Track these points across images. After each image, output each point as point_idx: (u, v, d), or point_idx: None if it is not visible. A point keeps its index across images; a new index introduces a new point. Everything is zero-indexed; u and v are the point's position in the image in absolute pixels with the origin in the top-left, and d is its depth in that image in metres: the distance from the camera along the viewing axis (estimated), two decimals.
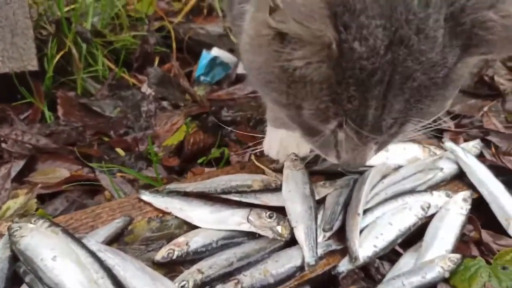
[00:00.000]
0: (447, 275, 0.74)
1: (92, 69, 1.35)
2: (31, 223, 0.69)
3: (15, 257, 0.65)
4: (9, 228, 0.68)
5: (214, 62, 1.43)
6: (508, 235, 0.88)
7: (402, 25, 0.49)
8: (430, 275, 0.74)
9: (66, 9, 1.41)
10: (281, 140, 0.95)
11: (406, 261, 0.79)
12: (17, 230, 0.66)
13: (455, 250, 0.80)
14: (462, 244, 0.84)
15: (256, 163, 0.93)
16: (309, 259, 0.70)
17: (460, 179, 0.94)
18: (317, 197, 0.81)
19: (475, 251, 0.84)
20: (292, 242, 0.74)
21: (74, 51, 1.27)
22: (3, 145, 0.99)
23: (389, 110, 0.54)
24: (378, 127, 0.55)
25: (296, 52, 0.52)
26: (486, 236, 0.87)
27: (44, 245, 0.64)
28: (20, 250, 0.64)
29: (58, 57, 1.24)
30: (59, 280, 0.60)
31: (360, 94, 0.52)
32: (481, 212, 0.92)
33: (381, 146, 0.65)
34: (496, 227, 0.89)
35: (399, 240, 0.78)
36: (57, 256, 0.62)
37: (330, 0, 0.47)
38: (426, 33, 0.50)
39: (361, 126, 0.55)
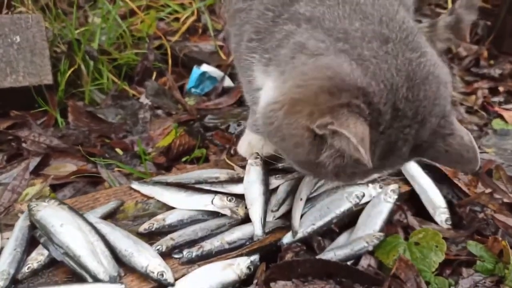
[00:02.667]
0: (370, 248, 0.93)
1: (99, 82, 1.57)
2: (44, 202, 0.90)
3: (33, 226, 0.86)
4: (28, 205, 0.89)
5: (203, 76, 1.64)
6: (434, 221, 1.07)
7: (393, 149, 0.73)
8: (357, 247, 0.93)
9: (78, 30, 1.64)
10: (249, 142, 1.15)
11: (343, 238, 0.99)
12: (34, 206, 0.88)
13: (382, 230, 0.98)
14: (391, 226, 1.03)
15: (227, 161, 1.13)
16: (258, 231, 0.90)
17: (396, 175, 1.13)
18: (272, 187, 1.01)
19: (402, 233, 1.03)
20: (247, 221, 0.94)
21: (83, 67, 1.49)
22: (23, 144, 1.21)
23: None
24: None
25: (329, 150, 0.70)
26: (412, 220, 1.06)
27: (54, 216, 0.85)
28: (37, 219, 0.85)
29: (69, 72, 1.46)
30: (65, 241, 0.81)
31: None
32: (414, 202, 1.11)
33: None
34: (425, 215, 1.08)
35: (334, 221, 0.97)
36: (63, 224, 0.83)
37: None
38: (403, 152, 0.74)
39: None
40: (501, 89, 1.61)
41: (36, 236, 0.85)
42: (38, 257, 0.81)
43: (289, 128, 0.73)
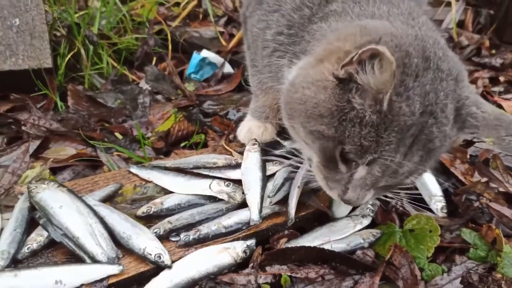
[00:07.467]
0: (366, 245, 0.93)
1: (98, 66, 1.57)
2: (44, 184, 0.90)
3: (32, 207, 0.87)
4: (28, 187, 0.90)
5: (203, 62, 1.64)
6: (430, 210, 1.08)
7: (432, 104, 0.70)
8: (353, 243, 0.93)
9: (77, 14, 1.63)
10: (249, 128, 1.16)
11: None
12: (34, 188, 0.89)
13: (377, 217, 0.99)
14: (386, 213, 1.03)
15: (225, 146, 1.14)
16: (255, 216, 0.91)
17: None
18: (269, 173, 1.02)
19: (398, 221, 1.04)
20: (244, 205, 0.95)
21: (82, 51, 1.49)
22: (23, 127, 1.22)
23: (409, 159, 0.71)
24: (397, 170, 0.72)
25: (358, 99, 0.69)
26: (410, 209, 1.06)
27: (53, 198, 0.86)
28: (36, 201, 0.86)
29: (69, 56, 1.46)
30: (64, 222, 0.82)
31: (397, 140, 0.69)
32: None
33: (378, 192, 0.80)
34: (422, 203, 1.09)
35: None
36: (62, 206, 0.84)
37: (395, 81, 0.66)
38: (446, 113, 0.72)
39: (388, 166, 0.70)
40: (501, 79, 1.61)
41: (35, 217, 0.86)
42: (37, 238, 0.83)
43: (315, 74, 0.74)
